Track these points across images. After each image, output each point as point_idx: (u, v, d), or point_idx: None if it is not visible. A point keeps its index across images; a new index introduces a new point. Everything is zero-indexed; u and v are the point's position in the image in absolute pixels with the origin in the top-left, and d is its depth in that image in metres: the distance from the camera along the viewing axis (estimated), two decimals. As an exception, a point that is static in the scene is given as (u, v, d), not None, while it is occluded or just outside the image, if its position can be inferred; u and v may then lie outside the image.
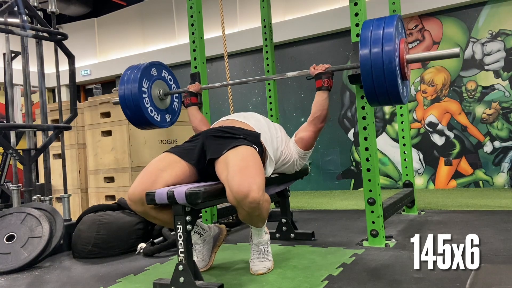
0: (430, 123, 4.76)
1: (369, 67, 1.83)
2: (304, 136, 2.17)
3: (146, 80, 2.54)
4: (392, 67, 1.80)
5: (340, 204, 3.97)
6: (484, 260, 1.82)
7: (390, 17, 1.89)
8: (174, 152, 1.90)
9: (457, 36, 4.63)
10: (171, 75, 2.74)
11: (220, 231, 2.11)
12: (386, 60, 1.80)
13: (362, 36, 1.88)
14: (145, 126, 2.59)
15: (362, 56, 1.85)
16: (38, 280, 2.05)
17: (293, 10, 5.57)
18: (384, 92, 1.85)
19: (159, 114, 2.60)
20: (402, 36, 1.97)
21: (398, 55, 1.85)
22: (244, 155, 1.76)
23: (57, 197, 3.40)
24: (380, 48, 1.81)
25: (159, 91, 2.62)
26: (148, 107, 2.53)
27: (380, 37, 1.83)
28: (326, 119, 2.18)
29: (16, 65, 3.00)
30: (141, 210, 1.77)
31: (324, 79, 2.16)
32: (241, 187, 1.60)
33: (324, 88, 2.16)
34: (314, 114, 2.16)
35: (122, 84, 2.51)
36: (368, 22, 1.92)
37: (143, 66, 2.55)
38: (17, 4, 2.73)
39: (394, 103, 1.94)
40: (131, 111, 2.50)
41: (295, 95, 5.51)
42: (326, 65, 2.20)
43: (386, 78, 1.81)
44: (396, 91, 1.84)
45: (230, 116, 2.18)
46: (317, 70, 2.19)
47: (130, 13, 6.98)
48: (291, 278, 1.76)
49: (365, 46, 1.85)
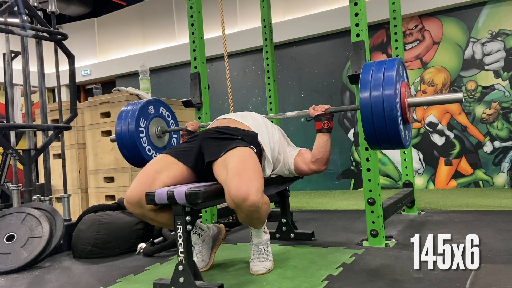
0: (430, 123, 4.76)
1: (369, 112, 1.76)
2: (302, 168, 2.12)
3: (143, 119, 2.50)
4: (393, 111, 1.73)
5: (340, 204, 3.97)
6: (484, 260, 1.82)
7: (391, 60, 1.83)
8: (171, 153, 1.89)
9: (457, 36, 4.63)
10: (169, 112, 2.68)
11: (219, 231, 2.11)
12: (387, 105, 1.73)
13: (362, 79, 1.81)
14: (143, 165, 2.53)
15: (362, 99, 1.78)
16: (38, 280, 2.05)
17: (293, 10, 5.57)
18: (385, 137, 1.78)
19: (157, 153, 2.55)
20: (403, 79, 1.91)
21: (399, 99, 1.79)
22: (242, 157, 1.75)
23: (57, 197, 3.40)
24: (380, 92, 1.75)
25: (157, 129, 2.58)
26: (146, 147, 2.49)
27: (381, 80, 1.76)
28: (329, 160, 2.12)
29: (16, 65, 2.99)
30: (139, 212, 1.77)
31: (324, 121, 2.08)
32: (239, 191, 1.59)
33: (324, 130, 2.08)
34: (316, 156, 2.09)
35: (119, 122, 2.47)
36: (369, 65, 1.85)
37: (140, 104, 2.50)
38: (17, 4, 2.73)
39: (395, 147, 1.86)
40: (128, 151, 2.46)
41: (295, 95, 5.51)
42: (325, 105, 2.13)
43: (387, 124, 1.74)
44: (398, 137, 1.77)
45: (228, 115, 2.16)
46: (316, 112, 2.11)
47: (130, 13, 6.98)
48: (291, 278, 1.76)
49: (365, 89, 1.78)
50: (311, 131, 5.18)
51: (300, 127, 5.37)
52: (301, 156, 2.14)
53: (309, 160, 2.11)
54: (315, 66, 5.37)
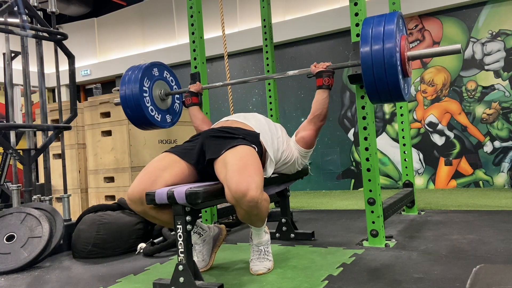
0: (430, 123, 4.76)
1: (370, 64, 1.82)
2: (305, 135, 2.16)
3: (148, 80, 2.54)
4: (393, 62, 1.79)
5: (340, 204, 3.97)
6: (484, 260, 1.82)
7: (391, 14, 1.89)
8: (173, 152, 1.90)
9: (457, 36, 4.63)
10: (172, 76, 2.74)
11: (220, 231, 2.11)
12: (387, 56, 1.79)
13: (363, 33, 1.87)
14: (146, 126, 2.59)
15: (363, 53, 1.84)
16: (38, 280, 2.05)
17: (293, 10, 5.57)
18: (385, 89, 1.84)
19: (159, 114, 2.60)
20: (403, 33, 1.96)
21: (399, 52, 1.84)
22: (243, 154, 1.76)
23: (57, 197, 3.40)
24: (381, 45, 1.80)
25: (160, 91, 2.62)
26: (149, 107, 2.53)
27: (381, 34, 1.82)
28: (326, 117, 2.18)
29: (16, 65, 3.00)
30: (140, 210, 1.78)
31: (325, 78, 2.15)
32: (239, 186, 1.61)
33: (324, 87, 2.16)
34: (314, 112, 2.15)
35: (123, 83, 2.52)
36: (369, 20, 1.91)
37: (144, 65, 2.55)
38: (17, 4, 2.73)
39: (395, 100, 1.93)
40: (131, 110, 2.50)
41: (295, 95, 5.51)
42: (327, 63, 2.20)
43: (387, 74, 1.80)
44: (398, 87, 1.83)
45: (231, 116, 2.18)
46: (318, 68, 2.19)
47: (130, 13, 6.98)
48: (291, 278, 1.76)
49: (366, 43, 1.84)
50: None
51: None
52: (298, 132, 2.20)
53: (307, 122, 2.17)
54: (315, 66, 5.36)
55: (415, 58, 1.98)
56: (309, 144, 2.17)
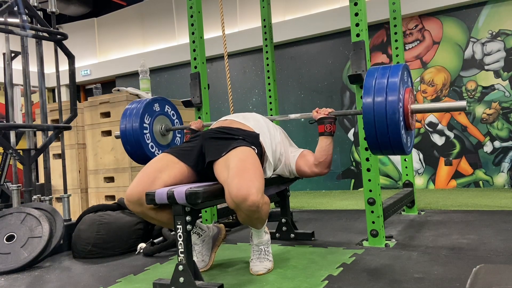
0: (430, 123, 4.76)
1: (371, 116, 1.74)
2: (304, 171, 2.12)
3: (148, 116, 2.51)
4: (396, 118, 1.71)
5: (340, 204, 3.97)
6: (484, 260, 1.82)
7: (396, 66, 1.82)
8: (172, 153, 1.90)
9: (457, 36, 4.63)
10: (174, 110, 2.70)
11: (219, 231, 2.11)
12: (389, 110, 1.72)
13: (366, 84, 1.80)
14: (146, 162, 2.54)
15: (364, 104, 1.76)
16: (38, 280, 2.05)
17: (293, 10, 5.57)
18: (387, 143, 1.77)
19: (160, 150, 2.56)
20: (407, 85, 1.90)
21: (402, 106, 1.78)
22: (243, 156, 1.75)
23: (57, 197, 3.40)
24: (383, 98, 1.73)
25: (161, 126, 2.60)
26: (149, 143, 2.50)
27: (384, 86, 1.75)
28: (331, 164, 2.11)
29: (16, 65, 3.00)
30: (139, 211, 1.77)
31: (327, 124, 2.08)
32: (240, 191, 1.59)
33: (326, 134, 2.08)
34: (319, 159, 2.08)
35: (124, 118, 2.49)
36: (373, 70, 1.84)
37: (145, 101, 2.52)
38: (17, 4, 2.73)
39: (397, 153, 1.85)
40: (131, 146, 2.48)
41: (295, 95, 5.51)
42: (329, 109, 2.12)
43: (389, 128, 1.73)
44: (400, 142, 1.75)
45: (229, 116, 2.17)
46: (319, 115, 2.11)
47: (130, 13, 6.98)
48: (291, 278, 1.76)
49: (368, 94, 1.77)
50: (311, 131, 5.20)
51: (300, 128, 5.37)
52: (303, 158, 2.13)
53: (312, 163, 2.10)
54: (315, 66, 5.37)
55: (419, 112, 1.91)
56: (301, 175, 2.16)
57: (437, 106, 1.98)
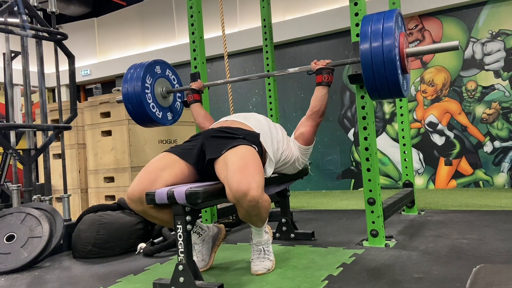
0: (430, 123, 4.76)
1: (369, 60, 1.84)
2: (303, 131, 2.17)
3: (150, 77, 2.56)
4: (392, 58, 1.81)
5: (340, 204, 3.97)
6: (484, 260, 1.82)
7: (390, 11, 1.92)
8: (173, 151, 1.90)
9: (457, 36, 4.63)
10: (175, 75, 2.75)
11: (219, 231, 2.11)
12: (386, 53, 1.81)
13: (362, 30, 1.89)
14: (147, 122, 2.60)
15: (362, 50, 1.86)
16: (38, 280, 2.05)
17: (293, 10, 5.57)
18: (385, 85, 1.86)
19: (161, 111, 2.61)
20: (402, 30, 1.98)
21: (398, 48, 1.87)
22: (243, 154, 1.76)
23: (57, 197, 3.40)
24: (380, 42, 1.83)
25: (162, 88, 2.64)
26: (150, 103, 2.54)
27: (380, 31, 1.85)
28: (325, 113, 2.20)
29: (16, 65, 3.00)
30: (140, 209, 1.78)
31: (325, 74, 2.17)
32: (240, 186, 1.61)
33: (324, 83, 2.18)
34: (313, 108, 2.17)
35: (126, 80, 2.54)
36: (368, 17, 1.93)
37: (147, 63, 2.57)
38: (17, 4, 2.73)
39: (394, 95, 1.95)
40: (133, 106, 2.52)
41: (295, 95, 5.51)
42: (327, 60, 2.22)
43: (386, 70, 1.82)
44: (397, 83, 1.85)
45: (231, 116, 2.18)
46: (318, 65, 2.21)
47: (130, 13, 6.98)
48: (291, 278, 1.76)
49: (365, 40, 1.86)
50: (311, 131, 5.18)
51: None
52: (297, 129, 2.21)
53: (305, 119, 2.18)
54: (315, 66, 5.36)
55: (414, 54, 2.00)
56: (308, 141, 2.18)
57: (430, 47, 2.06)
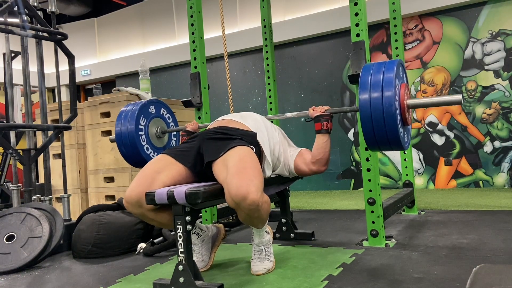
0: (430, 123, 4.76)
1: (368, 113, 1.76)
2: (303, 169, 2.12)
3: (144, 118, 2.50)
4: (392, 111, 1.73)
5: (340, 204, 3.97)
6: (484, 260, 1.82)
7: (391, 61, 1.85)
8: (170, 154, 1.89)
9: (457, 36, 4.63)
10: (170, 114, 2.68)
11: (218, 231, 2.11)
12: (386, 105, 1.74)
13: (362, 80, 1.82)
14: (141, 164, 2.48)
15: (361, 100, 1.78)
16: (38, 280, 2.05)
17: (293, 10, 5.57)
18: (384, 138, 1.79)
19: (155, 153, 2.55)
20: (403, 80, 1.91)
21: (398, 100, 1.79)
22: (242, 156, 1.75)
23: (57, 197, 3.40)
24: (380, 93, 1.75)
25: (156, 129, 2.58)
26: (144, 145, 2.49)
27: (380, 81, 1.77)
28: (329, 161, 2.12)
29: (16, 65, 3.00)
30: (138, 212, 1.77)
31: (323, 122, 2.08)
32: (239, 190, 1.59)
33: (323, 131, 2.08)
34: (316, 156, 2.09)
35: (119, 121, 2.47)
36: (368, 66, 1.86)
37: (141, 103, 2.51)
38: (17, 4, 2.73)
39: (395, 148, 1.86)
40: (126, 148, 2.45)
41: (295, 95, 5.51)
42: (325, 107, 2.13)
43: (386, 123, 1.75)
44: (397, 137, 1.77)
45: (227, 115, 2.16)
46: (316, 113, 2.11)
47: (130, 13, 6.98)
48: (291, 278, 1.76)
49: (364, 90, 1.79)
50: (310, 131, 5.18)
51: (300, 127, 5.38)
52: (301, 157, 2.14)
53: (309, 161, 2.11)
54: (315, 66, 5.37)
55: (415, 107, 1.92)
56: (299, 173, 2.16)
57: (432, 100, 1.99)
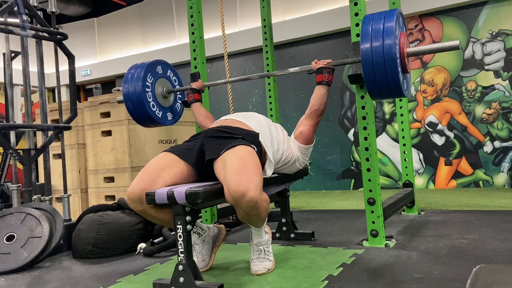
0: (430, 123, 4.76)
1: (370, 59, 1.84)
2: (303, 130, 2.17)
3: (151, 76, 2.57)
4: (393, 57, 1.81)
5: (340, 204, 3.97)
6: (484, 260, 1.82)
7: (391, 11, 1.92)
8: (173, 151, 1.90)
9: (457, 36, 4.63)
10: (176, 76, 2.75)
11: (219, 231, 2.11)
12: (387, 52, 1.81)
13: (363, 30, 1.89)
14: (146, 121, 2.60)
15: (363, 49, 1.86)
16: (38, 280, 2.05)
17: (293, 10, 5.57)
18: (385, 84, 1.86)
19: (161, 111, 2.62)
20: (402, 30, 1.98)
21: (398, 48, 1.87)
22: (242, 154, 1.76)
23: (57, 197, 3.40)
24: (380, 41, 1.83)
25: (162, 88, 2.65)
26: (151, 102, 2.55)
27: (381, 30, 1.84)
28: (324, 112, 2.20)
29: (16, 65, 3.00)
30: (140, 209, 1.78)
31: (325, 74, 2.18)
32: (238, 187, 1.61)
33: (324, 83, 2.18)
34: (312, 107, 2.17)
35: (126, 79, 2.54)
36: (369, 17, 1.93)
37: (148, 62, 2.58)
38: (17, 4, 2.73)
39: (395, 95, 1.94)
40: (133, 104, 2.52)
41: (295, 95, 5.51)
42: (327, 60, 2.22)
43: (387, 70, 1.82)
44: (397, 83, 1.85)
45: (230, 115, 2.18)
46: (318, 65, 2.21)
47: (130, 13, 6.98)
48: (291, 278, 1.76)
49: (366, 39, 1.86)
50: (311, 131, 5.18)
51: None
52: (296, 128, 2.21)
53: (305, 118, 2.18)
54: (315, 66, 5.36)
55: (415, 54, 2.00)
56: (308, 140, 2.18)
57: (431, 47, 2.04)
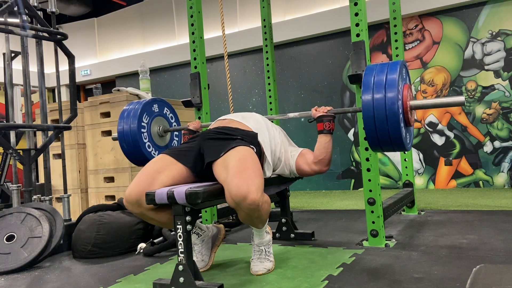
0: (430, 123, 4.76)
1: (371, 113, 1.75)
2: (304, 169, 2.12)
3: (147, 116, 2.51)
4: (395, 111, 1.72)
5: (340, 204, 3.97)
6: (484, 260, 1.82)
7: (394, 62, 1.84)
8: (170, 154, 1.89)
9: (457, 36, 4.63)
10: (172, 113, 2.69)
11: (218, 231, 2.11)
12: (389, 106, 1.72)
13: (365, 81, 1.81)
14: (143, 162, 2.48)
15: (364, 101, 1.77)
16: (38, 280, 2.05)
17: (293, 10, 5.57)
18: (387, 139, 1.77)
19: (156, 151, 2.55)
20: (406, 81, 1.90)
21: (401, 101, 1.78)
22: (242, 156, 1.75)
23: (57, 197, 3.40)
24: (382, 94, 1.74)
25: (159, 127, 2.59)
26: (146, 142, 2.49)
27: (383, 82, 1.76)
28: (331, 161, 2.11)
29: (16, 65, 3.00)
30: (138, 212, 1.77)
31: (326, 122, 2.09)
32: (240, 190, 1.59)
33: (325, 132, 2.09)
34: (318, 157, 2.08)
35: (122, 118, 2.48)
36: (371, 67, 1.85)
37: (144, 101, 2.52)
38: (17, 4, 2.73)
39: (397, 149, 1.85)
40: (128, 145, 2.45)
41: (295, 95, 5.51)
42: (328, 107, 2.14)
43: (388, 124, 1.73)
44: (399, 138, 1.76)
45: (228, 115, 2.16)
46: (318, 113, 2.12)
47: (130, 13, 6.98)
48: (291, 278, 1.76)
49: (367, 91, 1.78)
50: (311, 131, 5.20)
51: (300, 127, 5.37)
52: (303, 157, 2.14)
53: (311, 161, 2.11)
54: (315, 66, 5.37)
55: (418, 108, 1.91)
56: (301, 173, 2.16)
57: (435, 101, 1.97)
